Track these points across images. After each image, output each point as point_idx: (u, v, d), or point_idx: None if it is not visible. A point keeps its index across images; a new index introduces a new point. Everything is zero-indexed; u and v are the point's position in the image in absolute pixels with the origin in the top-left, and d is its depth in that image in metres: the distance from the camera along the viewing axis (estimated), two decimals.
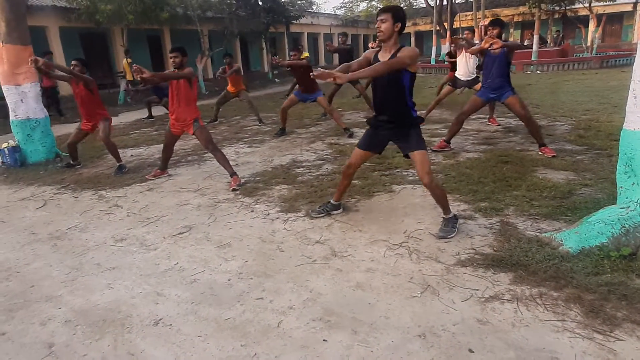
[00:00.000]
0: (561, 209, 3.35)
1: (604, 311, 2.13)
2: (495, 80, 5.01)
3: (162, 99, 9.65)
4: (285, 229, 3.44)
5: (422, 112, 7.56)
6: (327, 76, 2.68)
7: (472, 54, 6.25)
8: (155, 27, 16.96)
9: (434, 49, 23.89)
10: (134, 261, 3.06)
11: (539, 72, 16.53)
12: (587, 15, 20.93)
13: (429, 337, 2.07)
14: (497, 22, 5.06)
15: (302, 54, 12.58)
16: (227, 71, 8.54)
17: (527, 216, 3.30)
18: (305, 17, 25.08)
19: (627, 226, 2.61)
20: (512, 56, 5.00)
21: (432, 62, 21.75)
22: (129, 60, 13.59)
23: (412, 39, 36.90)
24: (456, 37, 6.76)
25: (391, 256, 2.87)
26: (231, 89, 8.68)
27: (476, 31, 16.44)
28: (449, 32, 20.33)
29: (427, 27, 32.65)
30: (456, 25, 23.68)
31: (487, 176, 4.25)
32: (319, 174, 4.84)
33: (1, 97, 6.52)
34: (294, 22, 23.03)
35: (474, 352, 1.96)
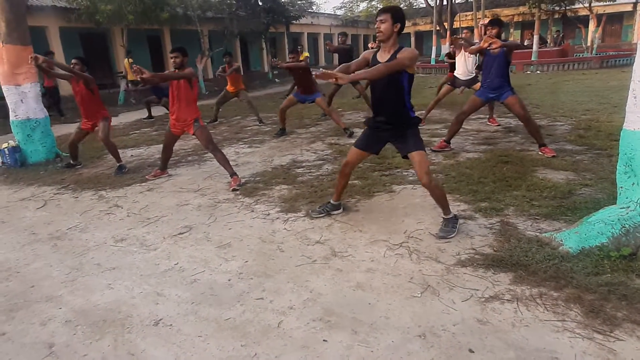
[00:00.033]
0: (561, 209, 3.35)
1: (604, 311, 2.13)
2: (494, 80, 5.00)
3: (161, 99, 9.65)
4: (285, 229, 3.44)
5: (421, 112, 7.58)
6: (328, 76, 2.69)
7: (471, 54, 6.25)
8: (155, 27, 16.97)
9: (434, 49, 23.90)
10: (134, 261, 3.06)
11: (539, 72, 16.53)
12: (587, 15, 20.94)
13: (429, 337, 2.07)
14: (495, 22, 5.05)
15: (302, 54, 12.68)
16: (227, 70, 8.53)
17: (527, 216, 3.30)
18: (305, 17, 25.09)
19: (627, 226, 2.61)
20: (512, 56, 5.00)
21: (432, 62, 21.76)
22: (130, 60, 13.60)
23: (412, 39, 36.90)
24: (456, 37, 6.76)
25: (391, 256, 2.87)
26: (230, 89, 8.67)
27: (476, 31, 16.46)
28: (449, 32, 20.34)
29: (427, 27, 32.67)
30: (456, 25, 23.71)
31: (487, 176, 4.25)
32: (319, 174, 4.84)
33: (1, 97, 6.53)
34: (294, 22, 23.04)
35: (474, 352, 1.96)
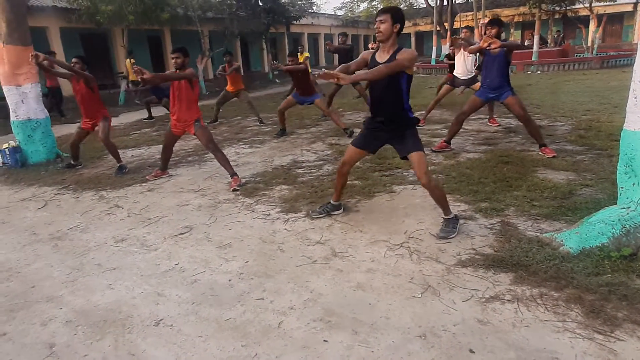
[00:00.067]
0: (562, 209, 3.35)
1: (605, 311, 2.13)
2: (494, 80, 5.00)
3: (161, 99, 9.66)
4: (285, 229, 3.44)
5: (421, 113, 7.58)
6: (330, 77, 2.70)
7: (470, 53, 6.24)
8: (155, 28, 16.97)
9: (434, 49, 23.90)
10: (134, 261, 3.07)
11: (539, 72, 16.53)
12: (588, 15, 20.94)
13: (429, 338, 2.07)
14: (495, 22, 5.04)
15: (303, 54, 12.70)
16: (227, 70, 8.54)
17: (528, 216, 3.30)
18: (305, 17, 25.11)
19: (627, 226, 2.61)
20: (512, 56, 5.00)
21: (433, 63, 21.76)
22: (132, 60, 13.62)
23: (413, 39, 36.93)
24: (455, 38, 6.76)
25: (392, 256, 2.88)
26: (230, 88, 8.68)
27: (476, 31, 16.46)
28: (449, 33, 20.34)
29: (427, 28, 32.69)
30: (456, 25, 23.69)
31: (488, 176, 4.25)
32: (319, 174, 4.84)
33: (2, 97, 6.53)
34: (294, 22, 23.05)
35: (474, 352, 1.96)
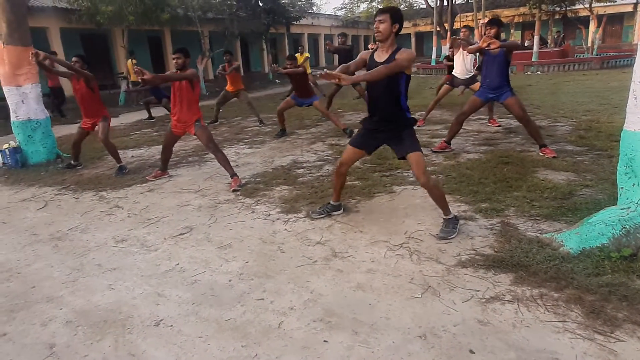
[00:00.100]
0: (562, 210, 3.35)
1: (605, 312, 2.13)
2: (494, 80, 4.99)
3: (161, 100, 9.67)
4: (285, 229, 3.44)
5: (421, 113, 7.59)
6: (332, 77, 2.70)
7: (469, 53, 6.23)
8: (155, 28, 16.99)
9: (435, 49, 23.91)
10: (134, 262, 3.07)
11: (539, 72, 16.53)
12: (588, 16, 20.94)
13: (429, 338, 2.07)
14: (494, 22, 5.02)
15: (303, 55, 12.71)
16: (227, 69, 8.56)
17: (528, 217, 3.30)
18: (305, 18, 25.14)
19: (627, 227, 2.61)
20: (511, 56, 4.99)
21: (433, 63, 21.76)
22: (134, 61, 13.63)
23: (413, 40, 36.95)
24: (454, 38, 6.76)
25: (392, 257, 2.88)
26: (230, 88, 8.69)
27: (477, 32, 16.45)
28: (449, 33, 20.34)
29: (427, 28, 32.68)
30: (456, 26, 23.68)
31: (488, 177, 4.25)
32: (319, 174, 4.85)
33: (2, 98, 6.54)
34: (295, 23, 23.08)
35: (474, 352, 1.96)
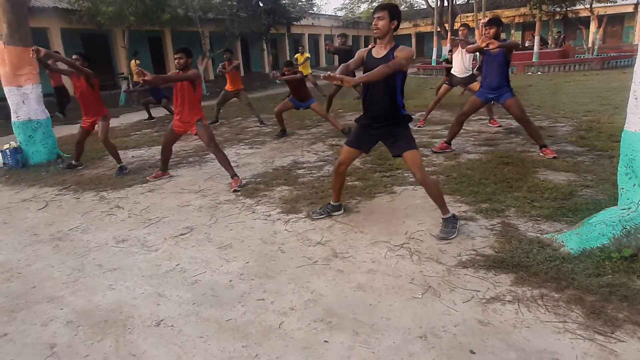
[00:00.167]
0: (562, 210, 3.35)
1: (605, 312, 2.13)
2: (494, 79, 4.98)
3: (160, 100, 9.68)
4: (286, 230, 3.44)
5: (422, 114, 7.59)
6: (335, 79, 2.71)
7: (468, 52, 6.20)
8: (156, 29, 17.01)
9: (435, 50, 23.91)
10: (135, 262, 3.07)
11: (540, 73, 16.53)
12: (588, 16, 20.94)
13: (430, 338, 2.07)
14: (493, 22, 5.00)
15: (303, 55, 12.74)
16: (227, 67, 8.57)
17: (528, 217, 3.30)
18: (306, 18, 25.15)
19: (628, 227, 2.61)
20: (511, 56, 4.98)
21: (433, 64, 21.76)
22: (137, 61, 13.65)
23: (413, 40, 36.97)
24: (453, 38, 6.77)
25: (392, 257, 2.88)
26: (229, 87, 8.70)
27: (477, 32, 16.44)
28: (449, 34, 20.34)
29: (427, 29, 32.73)
30: (457, 26, 23.69)
31: (488, 177, 4.25)
32: (320, 175, 4.85)
33: (3, 98, 6.54)
34: (295, 23, 23.09)
35: (475, 353, 1.96)
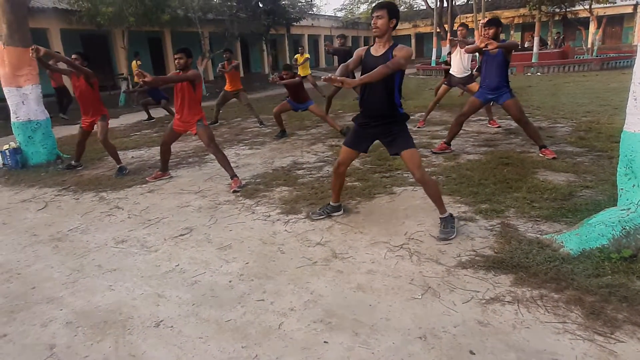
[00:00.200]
0: (562, 211, 3.35)
1: (605, 313, 2.13)
2: (493, 80, 4.98)
3: (159, 101, 9.68)
4: (286, 230, 3.44)
5: (422, 114, 7.59)
6: (336, 81, 2.71)
7: (467, 53, 6.19)
8: (156, 29, 17.03)
9: (435, 50, 23.93)
10: (134, 263, 3.07)
11: (539, 74, 16.55)
12: (588, 17, 20.97)
13: (429, 339, 2.07)
14: (493, 22, 4.99)
15: (303, 55, 12.76)
16: (226, 67, 8.58)
17: (528, 218, 3.30)
18: (305, 19, 25.16)
19: (627, 228, 2.61)
20: (510, 57, 4.98)
21: (433, 64, 21.78)
22: (138, 62, 13.66)
23: (413, 41, 37.00)
24: (451, 39, 6.78)
25: (392, 258, 2.88)
26: (229, 87, 8.71)
27: (476, 33, 16.45)
28: (449, 34, 20.36)
29: (427, 29, 32.75)
30: (456, 27, 23.73)
31: (488, 178, 4.25)
32: (319, 175, 4.85)
33: (2, 98, 6.54)
34: (295, 24, 23.11)
35: (475, 353, 1.96)
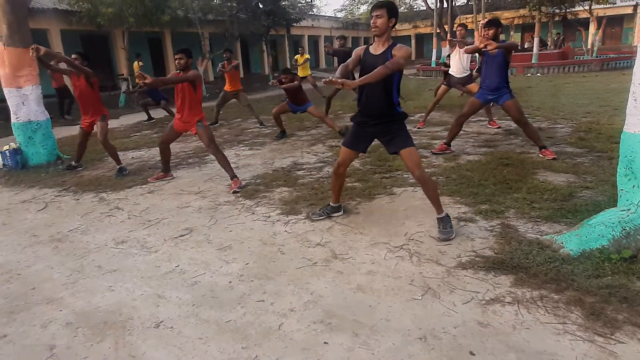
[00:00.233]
0: (562, 212, 3.35)
1: (605, 314, 2.13)
2: (493, 80, 4.98)
3: (158, 102, 9.68)
4: (286, 231, 3.44)
5: (421, 115, 7.60)
6: (336, 83, 2.72)
7: (467, 53, 6.18)
8: (156, 30, 17.02)
9: (434, 51, 23.92)
10: (134, 263, 3.07)
11: (539, 74, 16.55)
12: (588, 17, 20.99)
13: (429, 340, 2.07)
14: (492, 23, 4.99)
15: (303, 56, 12.77)
16: (226, 67, 8.59)
17: (528, 218, 3.30)
18: (305, 19, 25.17)
19: (627, 228, 2.61)
20: (510, 57, 4.98)
21: (433, 65, 21.78)
22: (140, 63, 13.67)
23: (413, 42, 37.03)
24: (451, 39, 6.79)
25: (392, 258, 2.88)
26: (228, 88, 8.71)
27: (476, 34, 16.45)
28: (449, 35, 20.37)
29: (427, 30, 32.76)
30: (456, 27, 23.73)
31: (488, 179, 4.25)
32: (319, 176, 4.85)
33: (2, 99, 6.54)
34: (295, 24, 23.11)
35: (475, 354, 1.96)
